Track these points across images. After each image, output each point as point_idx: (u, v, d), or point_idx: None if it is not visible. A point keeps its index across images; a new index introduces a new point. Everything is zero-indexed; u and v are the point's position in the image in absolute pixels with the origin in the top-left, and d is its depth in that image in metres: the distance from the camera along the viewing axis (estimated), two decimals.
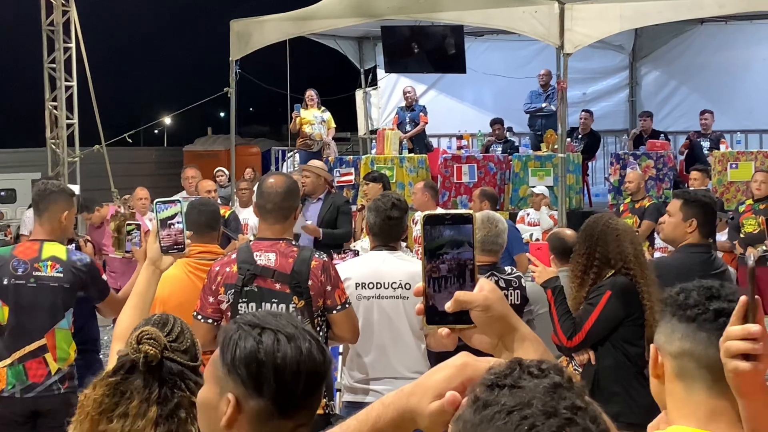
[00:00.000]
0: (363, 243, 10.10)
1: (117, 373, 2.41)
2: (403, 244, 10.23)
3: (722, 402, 2.17)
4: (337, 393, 7.51)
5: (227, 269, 4.81)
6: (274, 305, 4.66)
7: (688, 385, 2.21)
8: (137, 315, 3.35)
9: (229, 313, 4.77)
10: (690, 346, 2.21)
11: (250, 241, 5.06)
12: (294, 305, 4.67)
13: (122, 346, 2.65)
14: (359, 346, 5.28)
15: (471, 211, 1.60)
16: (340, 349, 7.55)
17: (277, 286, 4.73)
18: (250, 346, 2.03)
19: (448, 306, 1.55)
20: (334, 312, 4.80)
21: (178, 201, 3.75)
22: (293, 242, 4.94)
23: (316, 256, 4.84)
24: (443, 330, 1.57)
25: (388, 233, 5.34)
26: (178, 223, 3.67)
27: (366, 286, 5.26)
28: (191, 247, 5.67)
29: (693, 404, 2.20)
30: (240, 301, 4.74)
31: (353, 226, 10.90)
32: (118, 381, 2.39)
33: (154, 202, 3.76)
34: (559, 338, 5.13)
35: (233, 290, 4.75)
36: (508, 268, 5.93)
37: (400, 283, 5.19)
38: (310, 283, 4.72)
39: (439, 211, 1.48)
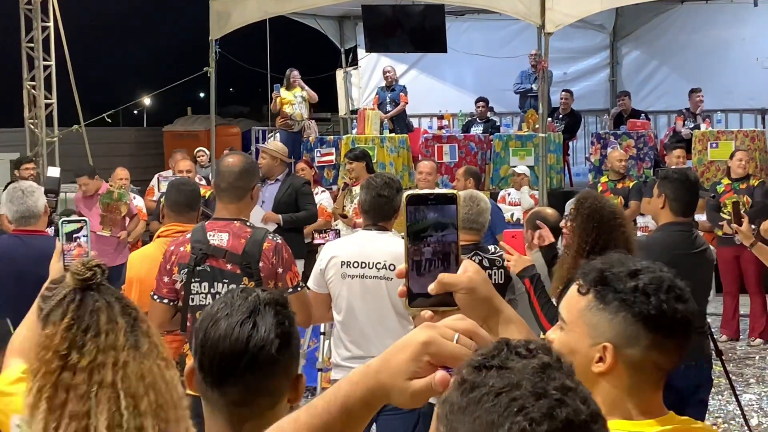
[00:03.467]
0: (339, 224, 10.06)
1: (65, 301, 2.39)
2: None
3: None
4: (319, 373, 7.53)
5: (181, 249, 4.82)
6: (225, 285, 4.68)
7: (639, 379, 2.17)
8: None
9: (182, 293, 4.77)
10: (656, 354, 2.17)
11: (206, 221, 5.03)
12: (244, 286, 4.66)
13: (22, 361, 2.67)
14: (345, 323, 5.29)
15: (455, 191, 1.58)
16: (322, 329, 7.56)
17: (228, 266, 4.73)
18: (201, 319, 2.31)
19: (432, 288, 1.53)
20: (285, 295, 4.76)
21: (84, 219, 3.71)
22: (248, 223, 4.91)
23: (270, 237, 4.81)
24: (426, 312, 1.55)
25: (378, 211, 5.31)
26: (83, 237, 3.62)
27: (351, 265, 5.25)
28: (168, 227, 5.67)
29: (637, 397, 2.17)
30: (192, 280, 4.75)
31: (327, 205, 10.80)
32: (75, 306, 2.37)
33: (60, 221, 3.73)
34: (543, 327, 5.10)
35: (186, 270, 4.76)
36: (491, 248, 5.92)
37: (384, 264, 5.18)
38: (260, 264, 4.71)
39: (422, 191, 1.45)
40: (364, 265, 5.23)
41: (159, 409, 2.22)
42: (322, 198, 10.77)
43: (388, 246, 5.19)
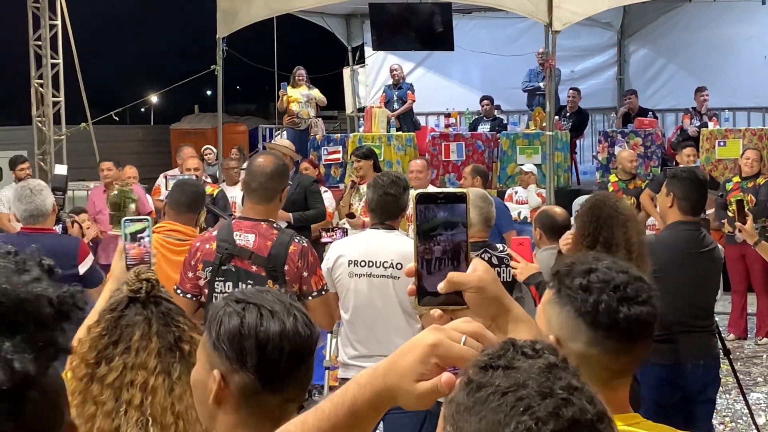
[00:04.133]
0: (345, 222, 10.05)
1: (113, 310, 2.40)
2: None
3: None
4: (326, 371, 7.53)
5: (207, 246, 4.83)
6: (249, 286, 4.65)
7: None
8: None
9: (206, 290, 4.79)
10: (596, 352, 2.19)
11: (233, 218, 5.04)
12: (243, 288, 4.66)
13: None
14: (352, 322, 5.30)
15: (464, 190, 1.58)
16: None
17: (254, 268, 4.74)
18: (233, 321, 2.07)
19: (441, 287, 1.53)
20: (310, 298, 4.78)
21: (146, 218, 3.72)
22: (275, 224, 4.91)
23: (296, 240, 4.81)
24: (435, 311, 1.55)
25: (385, 210, 5.31)
26: (146, 237, 3.63)
27: (358, 264, 5.25)
28: (162, 224, 5.68)
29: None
30: (217, 279, 4.76)
31: (336, 203, 10.81)
32: (116, 317, 2.38)
33: (122, 219, 3.73)
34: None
35: (211, 268, 4.78)
36: (499, 246, 5.92)
37: (391, 263, 5.18)
38: (286, 267, 4.71)
39: (432, 189, 1.45)
40: (371, 264, 5.23)
41: None
42: (325, 198, 10.76)
43: (396, 245, 5.19)
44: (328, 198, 10.93)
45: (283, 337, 2.06)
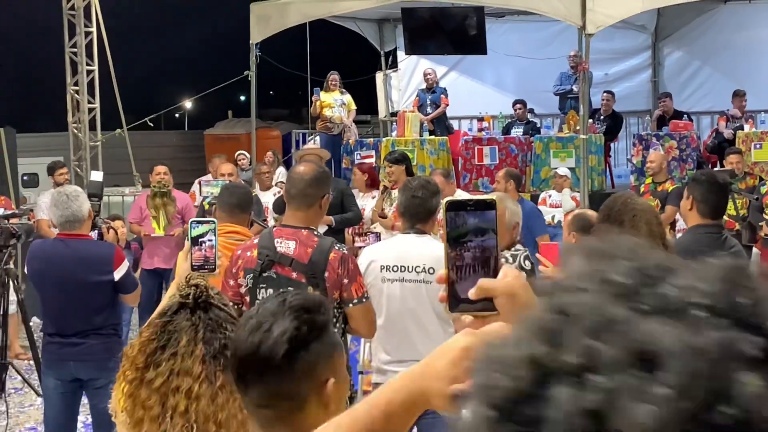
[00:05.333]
0: (378, 226, 10.09)
1: (164, 314, 2.43)
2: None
3: None
4: (359, 375, 7.54)
5: (248, 254, 4.85)
6: None
7: None
8: None
9: (247, 298, 4.80)
10: None
11: (274, 226, 5.08)
12: (284, 290, 4.67)
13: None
14: (385, 328, 5.30)
15: (494, 197, 1.58)
16: None
17: (294, 274, 4.75)
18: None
19: (472, 293, 1.53)
20: (351, 306, 4.79)
21: (212, 221, 3.74)
22: (315, 232, 4.94)
23: (336, 248, 4.83)
24: (466, 318, 1.55)
25: (414, 213, 5.34)
26: (210, 241, 3.66)
27: (390, 269, 5.27)
28: (220, 227, 5.73)
29: None
30: (258, 286, 4.77)
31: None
32: (165, 321, 2.41)
33: (189, 221, 3.77)
34: None
35: (252, 275, 4.79)
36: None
37: (424, 267, 5.19)
38: (326, 274, 4.73)
39: (462, 195, 1.45)
40: (403, 269, 5.25)
41: None
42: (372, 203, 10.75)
43: (428, 249, 5.20)
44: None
45: (240, 343, 2.23)
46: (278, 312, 2.27)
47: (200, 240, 3.65)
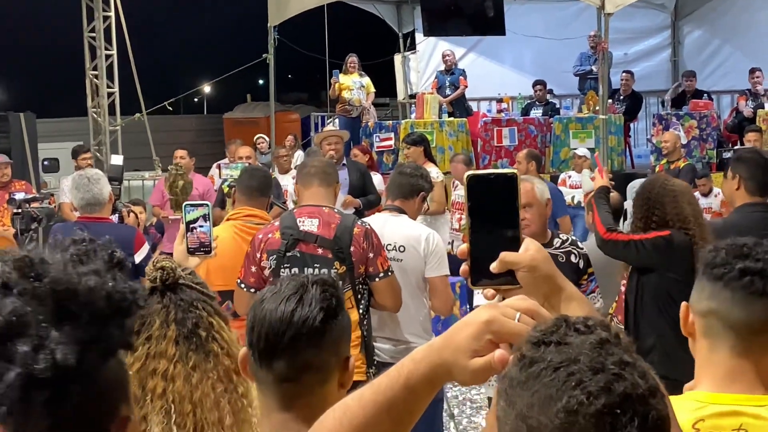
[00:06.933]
0: None
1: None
2: (448, 214, 10.25)
3: (743, 362, 2.19)
4: None
5: (270, 236, 4.85)
6: (317, 270, 4.68)
7: (712, 344, 2.24)
8: None
9: (271, 279, 4.78)
10: (716, 305, 2.23)
11: (293, 208, 5.11)
12: (336, 270, 4.70)
13: None
14: None
15: (515, 170, 1.58)
16: None
17: (320, 251, 4.77)
18: (253, 302, 2.39)
19: (494, 267, 1.54)
20: (377, 280, 4.84)
21: (206, 204, 3.75)
22: (336, 209, 4.98)
23: (359, 223, 4.89)
24: (488, 291, 1.56)
25: (396, 188, 5.48)
26: (204, 225, 3.67)
27: None
28: (238, 210, 5.74)
29: (714, 364, 2.23)
30: (282, 266, 4.77)
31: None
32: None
33: (183, 204, 3.78)
34: (596, 227, 5.20)
35: (275, 256, 4.79)
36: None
37: (395, 245, 5.27)
38: (352, 249, 4.76)
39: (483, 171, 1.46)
40: None
41: (202, 430, 2.23)
42: (376, 181, 10.81)
43: (401, 228, 5.31)
44: (378, 181, 10.99)
45: (268, 315, 2.27)
46: (304, 284, 2.31)
47: (197, 221, 3.66)
